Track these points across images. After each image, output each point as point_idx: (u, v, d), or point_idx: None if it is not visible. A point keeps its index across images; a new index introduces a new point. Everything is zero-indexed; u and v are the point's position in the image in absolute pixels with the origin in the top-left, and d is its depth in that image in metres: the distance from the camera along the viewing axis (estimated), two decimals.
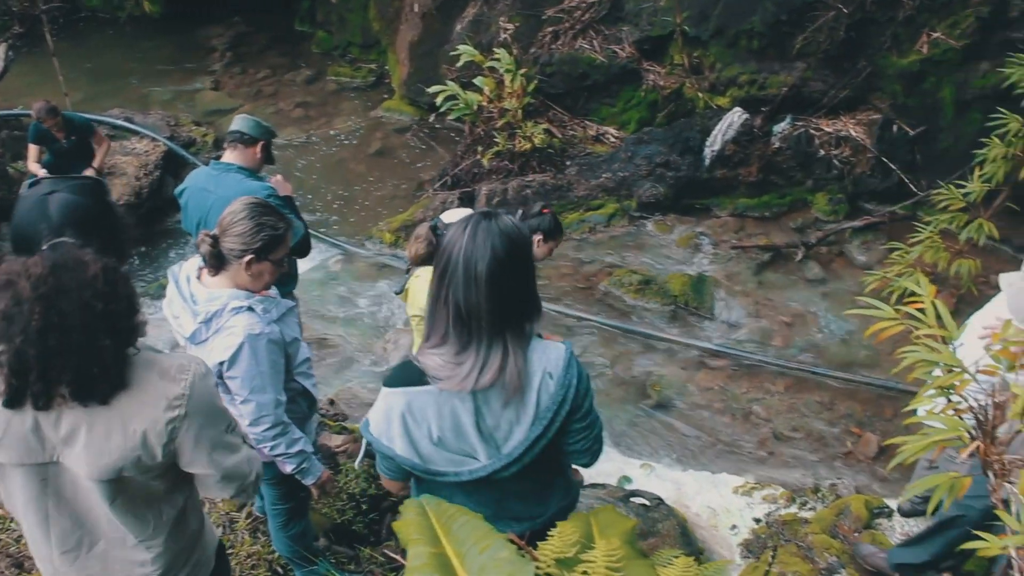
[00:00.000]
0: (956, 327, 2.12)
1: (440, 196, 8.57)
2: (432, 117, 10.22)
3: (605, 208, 8.40)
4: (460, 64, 8.72)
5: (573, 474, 2.83)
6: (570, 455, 2.32)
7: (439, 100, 8.48)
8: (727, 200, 8.45)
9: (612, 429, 5.98)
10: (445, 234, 2.06)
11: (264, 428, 2.99)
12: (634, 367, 6.67)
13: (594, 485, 5.16)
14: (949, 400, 2.04)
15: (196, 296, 2.96)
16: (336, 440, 4.93)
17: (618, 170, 8.49)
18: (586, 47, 9.06)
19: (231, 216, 2.91)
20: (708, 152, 8.28)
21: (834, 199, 8.29)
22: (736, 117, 8.18)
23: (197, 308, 2.93)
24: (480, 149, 8.71)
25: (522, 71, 8.57)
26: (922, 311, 2.14)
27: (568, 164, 8.75)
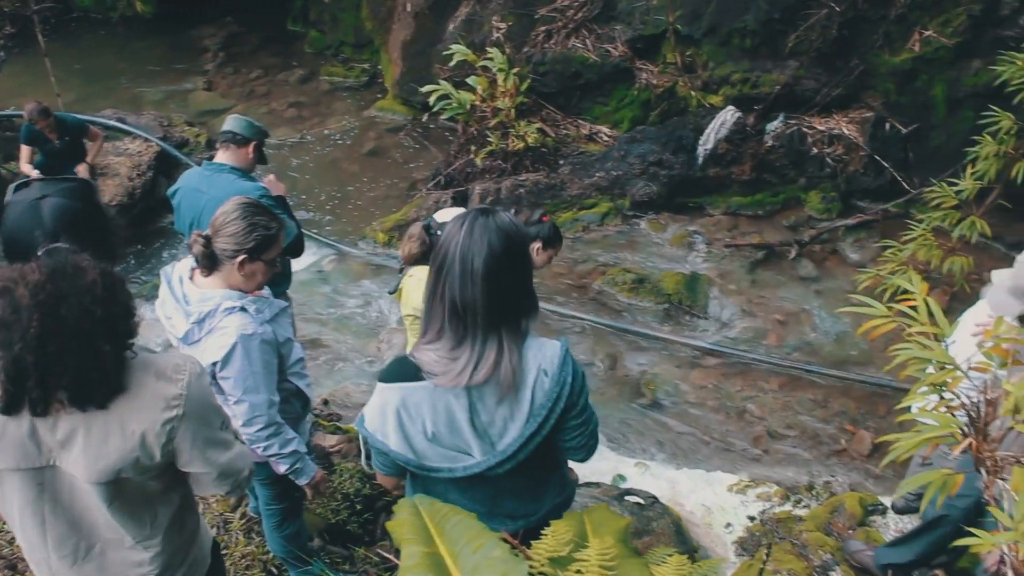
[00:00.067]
0: (948, 324, 2.12)
1: (433, 196, 8.56)
2: (425, 117, 10.22)
3: (599, 207, 8.40)
4: (453, 63, 8.71)
5: (569, 472, 2.83)
6: (565, 452, 2.33)
7: (432, 99, 8.48)
8: (720, 198, 8.45)
9: (606, 428, 5.98)
10: (442, 230, 2.07)
11: (257, 428, 2.99)
12: (628, 366, 6.67)
13: (588, 484, 5.17)
14: (942, 397, 2.05)
15: (189, 297, 2.96)
16: (330, 440, 4.93)
17: (611, 169, 8.49)
18: (579, 46, 9.07)
19: (224, 216, 2.91)
20: (701, 151, 8.28)
21: (827, 197, 8.30)
22: (729, 115, 8.18)
23: (190, 309, 2.93)
24: (473, 148, 8.71)
25: (515, 70, 8.57)
26: (914, 308, 2.15)
27: (561, 163, 8.75)
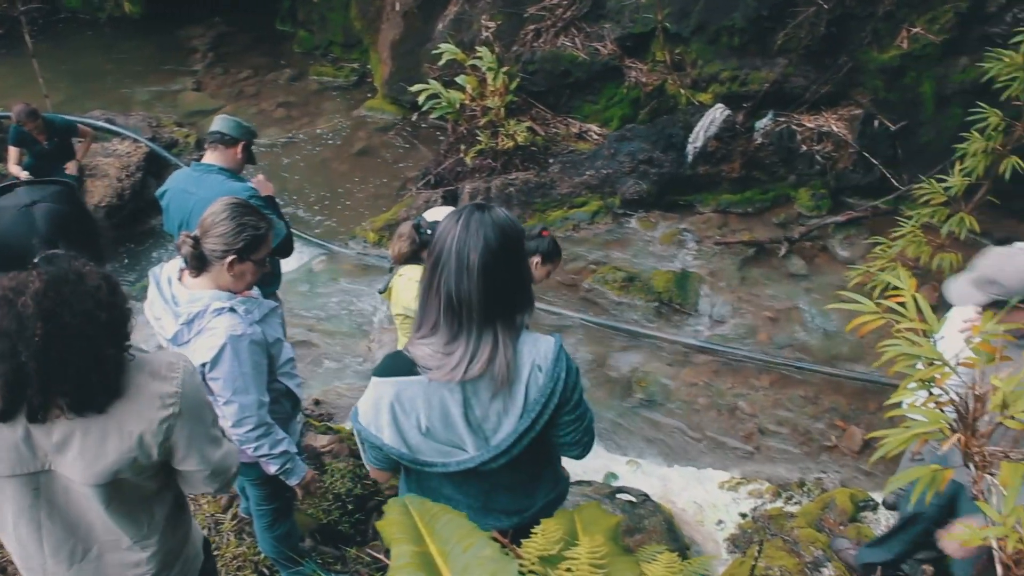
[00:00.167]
0: (937, 320, 2.13)
1: (423, 195, 8.55)
2: (415, 116, 10.20)
3: (589, 205, 8.40)
4: (442, 63, 8.71)
5: (562, 468, 2.83)
6: (560, 447, 2.33)
7: (421, 99, 8.48)
8: (710, 196, 8.46)
9: (598, 426, 5.91)
10: (432, 229, 2.06)
11: (247, 429, 2.98)
12: (619, 364, 6.68)
13: (580, 482, 5.17)
14: (930, 393, 2.05)
15: (178, 297, 2.95)
16: (321, 440, 4.92)
17: (601, 167, 8.49)
18: (568, 45, 9.07)
19: (212, 217, 2.91)
20: (691, 149, 8.29)
21: (816, 194, 8.32)
22: (718, 113, 8.19)
23: (179, 309, 2.92)
24: (463, 147, 8.70)
25: (504, 69, 8.57)
26: (903, 305, 2.15)
27: (551, 162, 8.75)
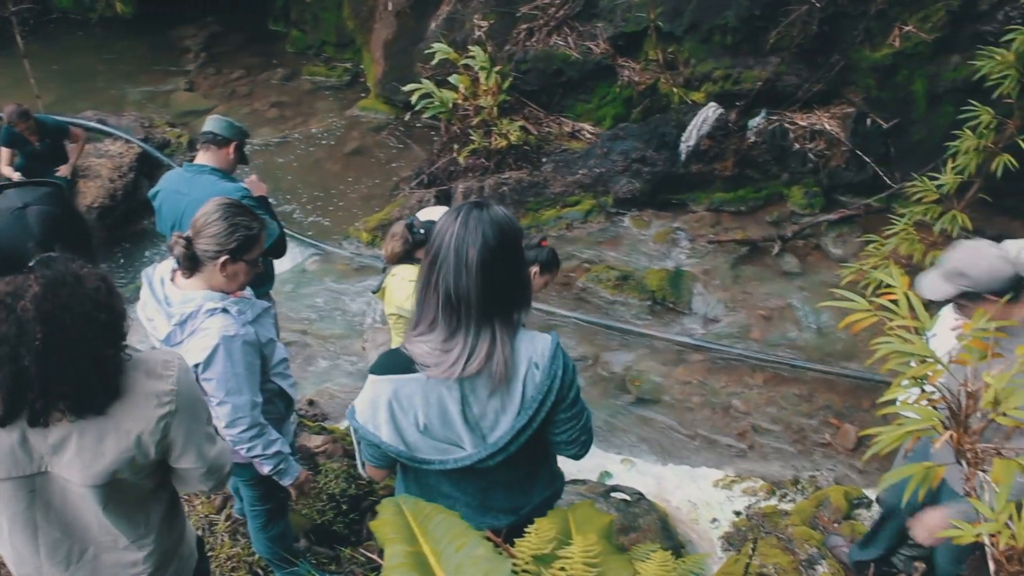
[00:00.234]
0: (929, 318, 2.13)
1: (416, 194, 8.54)
2: (408, 115, 10.18)
3: (582, 204, 8.40)
4: (435, 62, 8.70)
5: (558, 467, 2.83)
6: (557, 446, 2.33)
7: (414, 98, 8.47)
8: (703, 195, 8.46)
9: (592, 424, 5.98)
10: (426, 229, 2.06)
11: (240, 430, 2.98)
12: (613, 363, 6.68)
13: (574, 481, 5.17)
14: (923, 390, 2.05)
15: (170, 298, 2.94)
16: (316, 440, 4.91)
17: (594, 166, 8.49)
18: (561, 44, 9.07)
19: (205, 217, 2.90)
20: (683, 147, 8.30)
21: (809, 192, 8.33)
22: (711, 112, 8.20)
23: (171, 310, 2.92)
24: (456, 147, 8.69)
25: (497, 68, 8.56)
26: (896, 303, 2.15)
27: (544, 161, 8.75)
